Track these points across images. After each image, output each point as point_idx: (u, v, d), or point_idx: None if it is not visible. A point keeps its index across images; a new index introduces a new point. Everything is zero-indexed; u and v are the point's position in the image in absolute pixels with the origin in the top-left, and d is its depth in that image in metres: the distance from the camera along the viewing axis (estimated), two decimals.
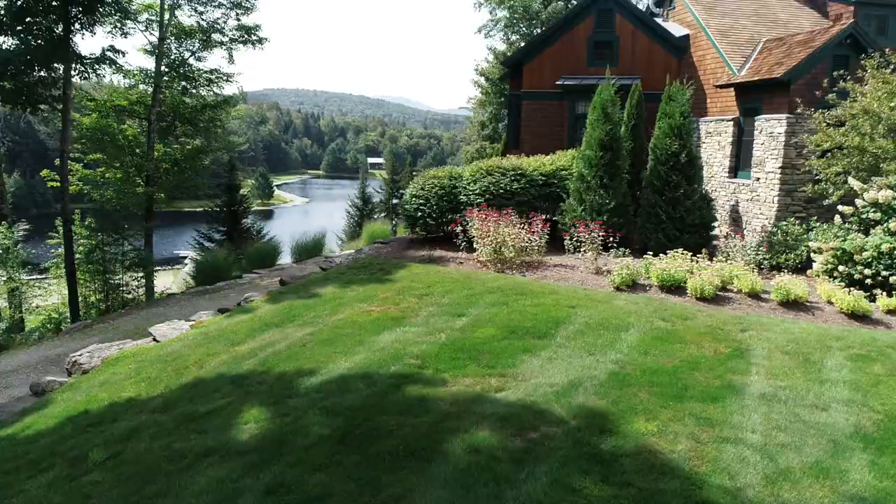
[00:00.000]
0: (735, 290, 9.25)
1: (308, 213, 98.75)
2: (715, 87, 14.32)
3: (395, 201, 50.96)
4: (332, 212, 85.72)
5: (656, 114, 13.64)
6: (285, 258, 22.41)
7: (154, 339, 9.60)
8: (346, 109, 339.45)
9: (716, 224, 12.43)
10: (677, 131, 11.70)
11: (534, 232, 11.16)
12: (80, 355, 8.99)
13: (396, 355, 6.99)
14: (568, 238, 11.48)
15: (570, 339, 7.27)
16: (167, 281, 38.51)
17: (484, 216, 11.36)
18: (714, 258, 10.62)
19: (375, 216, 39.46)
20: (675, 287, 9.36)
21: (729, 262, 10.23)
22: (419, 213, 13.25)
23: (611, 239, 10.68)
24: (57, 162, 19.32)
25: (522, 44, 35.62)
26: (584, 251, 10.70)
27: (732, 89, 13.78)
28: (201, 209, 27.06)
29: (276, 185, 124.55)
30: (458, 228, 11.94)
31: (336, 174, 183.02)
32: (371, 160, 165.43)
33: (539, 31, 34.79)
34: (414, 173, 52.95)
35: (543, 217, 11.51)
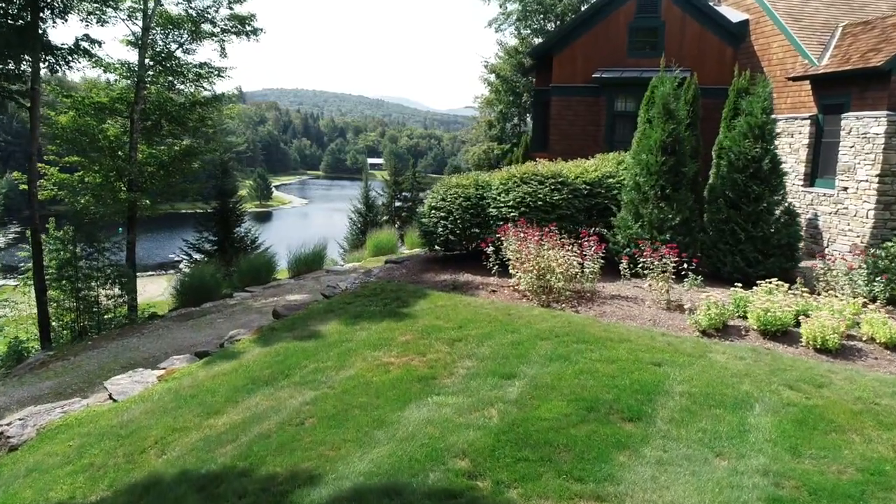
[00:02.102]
0: (863, 337, 7.16)
1: (307, 215, 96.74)
2: (786, 80, 12.21)
3: (397, 204, 48.81)
4: (332, 213, 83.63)
5: (711, 112, 11.77)
6: (281, 263, 20.48)
7: (110, 397, 7.51)
8: (346, 109, 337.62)
9: (802, 244, 10.32)
10: (759, 132, 9.60)
11: (585, 256, 9.06)
12: (9, 425, 6.89)
13: (433, 452, 4.89)
14: (626, 262, 9.37)
15: (677, 424, 5.18)
16: (160, 288, 36.38)
17: (524, 235, 9.26)
18: (817, 290, 8.53)
19: (379, 219, 37.33)
20: (781, 332, 7.27)
21: (838, 295, 8.13)
22: (440, 229, 11.15)
23: (685, 266, 8.55)
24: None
25: (536, 40, 33.61)
26: (651, 280, 8.59)
27: (808, 82, 11.70)
28: (200, 211, 24.93)
29: (275, 186, 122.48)
30: (490, 249, 9.84)
31: (335, 174, 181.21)
32: (371, 160, 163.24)
33: (554, 25, 32.76)
34: (417, 175, 50.86)
35: (596, 237, 9.37)
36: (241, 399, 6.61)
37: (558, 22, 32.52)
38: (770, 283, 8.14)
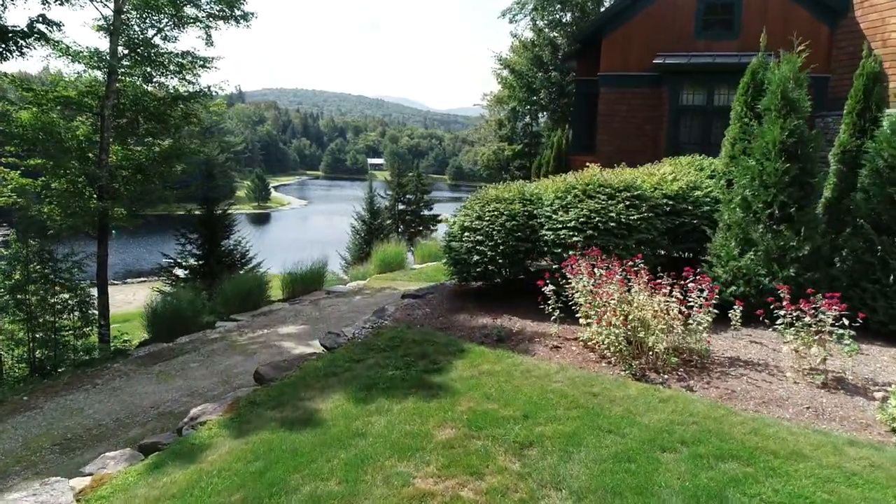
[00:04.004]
0: None
1: (306, 217, 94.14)
2: None
3: (400, 207, 46.22)
4: (332, 216, 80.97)
5: None
6: (275, 268, 17.93)
7: None
8: (346, 109, 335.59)
9: None
10: None
11: (691, 305, 6.43)
12: None
13: None
14: (741, 308, 6.75)
15: None
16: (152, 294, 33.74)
17: (605, 274, 6.66)
18: None
19: (384, 225, 34.72)
20: None
21: None
22: (475, 258, 8.54)
23: (845, 320, 5.94)
24: None
25: (553, 34, 31.05)
26: (800, 343, 5.97)
27: None
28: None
29: (274, 187, 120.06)
30: (549, 288, 7.23)
31: (335, 175, 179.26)
32: (371, 160, 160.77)
33: (573, 16, 30.21)
34: (420, 176, 48.30)
35: (709, 279, 6.72)
36: None
37: (578, 13, 29.99)
38: None
